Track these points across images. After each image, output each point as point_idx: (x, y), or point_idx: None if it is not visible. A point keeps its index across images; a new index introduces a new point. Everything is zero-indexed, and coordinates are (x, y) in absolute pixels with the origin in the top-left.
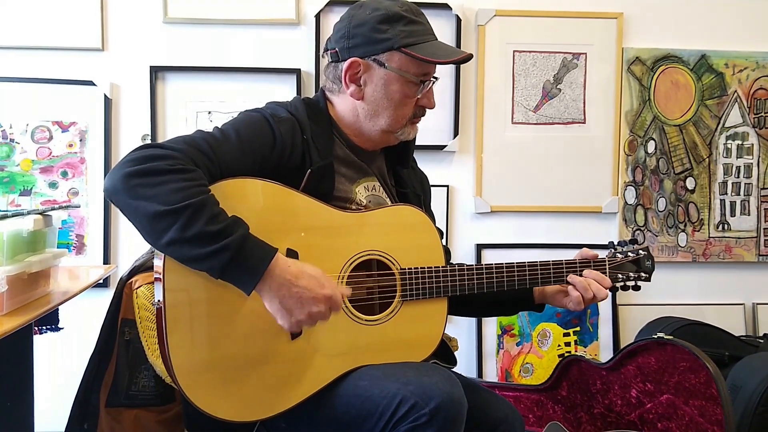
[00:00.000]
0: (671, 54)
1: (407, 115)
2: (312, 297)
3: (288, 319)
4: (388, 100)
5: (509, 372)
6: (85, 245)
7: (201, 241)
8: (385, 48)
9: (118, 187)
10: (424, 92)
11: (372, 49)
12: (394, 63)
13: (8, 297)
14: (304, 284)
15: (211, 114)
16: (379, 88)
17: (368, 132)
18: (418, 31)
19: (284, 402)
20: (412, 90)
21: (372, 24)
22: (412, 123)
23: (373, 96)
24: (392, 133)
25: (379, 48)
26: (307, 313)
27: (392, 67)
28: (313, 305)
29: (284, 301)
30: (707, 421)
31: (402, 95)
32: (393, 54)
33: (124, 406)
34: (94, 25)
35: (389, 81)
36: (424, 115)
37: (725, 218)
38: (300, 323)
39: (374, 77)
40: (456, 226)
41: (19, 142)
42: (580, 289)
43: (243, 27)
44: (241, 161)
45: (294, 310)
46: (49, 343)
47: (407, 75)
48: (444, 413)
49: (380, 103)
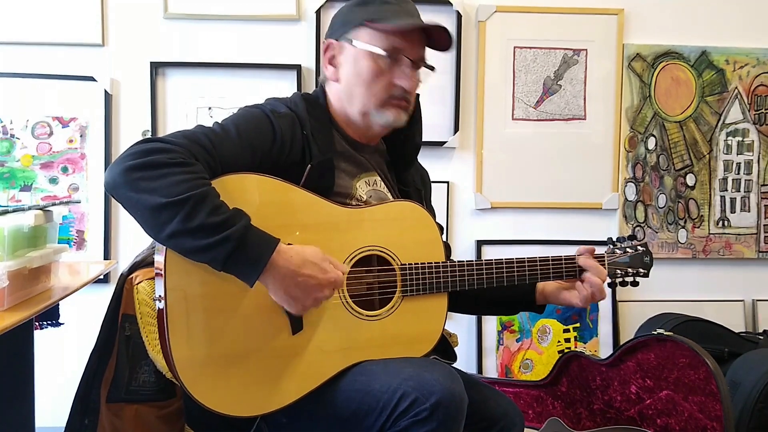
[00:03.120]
0: (672, 50)
1: (380, 94)
2: (316, 284)
3: (295, 306)
4: (358, 77)
5: (509, 368)
6: (86, 241)
7: (203, 233)
8: (354, 25)
9: (118, 180)
10: (400, 70)
11: (343, 29)
12: (361, 38)
13: (9, 292)
14: (308, 272)
15: (212, 110)
16: (351, 67)
17: (353, 118)
18: (390, 9)
19: (285, 397)
20: (380, 65)
21: (349, 7)
22: (392, 105)
23: (347, 76)
24: (369, 115)
25: (348, 27)
26: (312, 298)
27: (359, 43)
28: (318, 291)
29: (289, 290)
30: (706, 417)
31: (371, 71)
32: (359, 30)
33: (125, 401)
34: (94, 20)
35: (357, 57)
36: (408, 101)
37: (725, 215)
38: (306, 308)
39: (347, 57)
40: (456, 223)
41: (20, 137)
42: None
43: (243, 23)
44: (241, 156)
45: (299, 298)
46: (49, 339)
47: (374, 49)
48: (445, 408)
49: (352, 82)
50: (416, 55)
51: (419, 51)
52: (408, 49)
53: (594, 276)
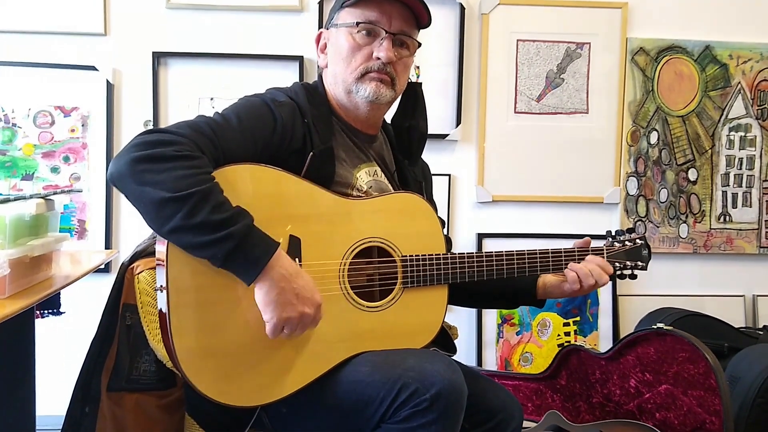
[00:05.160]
0: (675, 44)
1: (359, 68)
2: (308, 297)
3: (279, 314)
4: (338, 55)
5: (509, 361)
6: (87, 230)
7: (205, 229)
8: (336, 10)
9: (123, 172)
10: (377, 42)
11: (330, 16)
12: (340, 20)
13: (10, 280)
14: (302, 284)
15: (214, 100)
16: (333, 48)
17: (342, 101)
18: None
19: (285, 387)
20: (357, 40)
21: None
22: (371, 79)
23: (331, 57)
24: (351, 93)
25: (333, 13)
26: (299, 311)
27: (338, 24)
28: (307, 305)
29: (283, 294)
30: (705, 412)
31: (348, 47)
32: (339, 13)
33: (126, 390)
34: (96, 10)
35: (337, 37)
36: (389, 74)
37: (727, 210)
38: (289, 321)
39: (331, 41)
40: (457, 215)
41: (21, 126)
42: (582, 275)
43: (246, 13)
44: (243, 146)
45: (288, 306)
46: (50, 327)
47: (349, 25)
48: (445, 399)
49: (334, 61)
50: (394, 27)
51: (398, 24)
52: (384, 21)
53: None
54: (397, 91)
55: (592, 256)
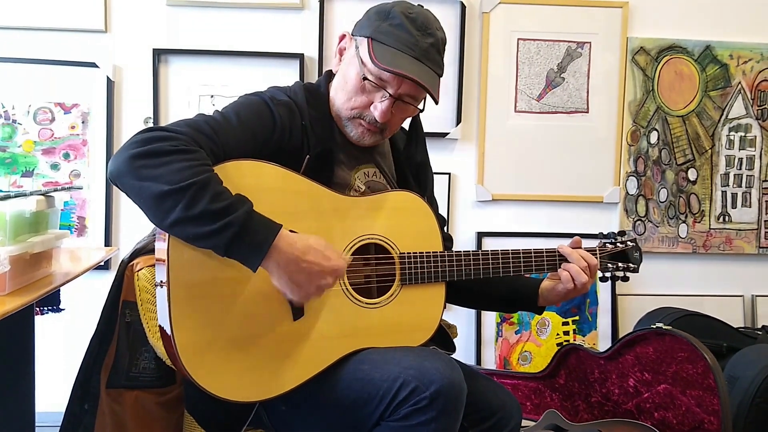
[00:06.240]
0: (676, 44)
1: (354, 110)
2: (320, 271)
3: (297, 293)
4: (344, 82)
5: (508, 360)
6: (87, 227)
7: (206, 219)
8: (364, 33)
9: (122, 169)
10: (378, 99)
11: (359, 29)
12: (362, 50)
13: (10, 277)
14: (312, 259)
15: (214, 98)
16: (345, 66)
17: (338, 116)
18: (400, 37)
19: (285, 383)
20: (364, 84)
21: (376, 10)
22: (360, 125)
23: (341, 71)
24: (342, 120)
25: (362, 30)
26: (315, 286)
27: (358, 52)
28: (321, 278)
29: (293, 276)
30: (704, 411)
31: (353, 85)
32: (364, 40)
33: (125, 387)
34: (97, 6)
35: (351, 63)
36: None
37: (726, 210)
38: (309, 296)
39: (348, 55)
40: (457, 214)
41: (22, 123)
42: (574, 273)
43: (247, 10)
44: (242, 144)
45: (303, 285)
46: (50, 324)
47: (363, 68)
48: (444, 397)
49: (340, 82)
50: (402, 91)
51: (406, 89)
52: (393, 84)
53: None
54: (385, 136)
55: (578, 251)
